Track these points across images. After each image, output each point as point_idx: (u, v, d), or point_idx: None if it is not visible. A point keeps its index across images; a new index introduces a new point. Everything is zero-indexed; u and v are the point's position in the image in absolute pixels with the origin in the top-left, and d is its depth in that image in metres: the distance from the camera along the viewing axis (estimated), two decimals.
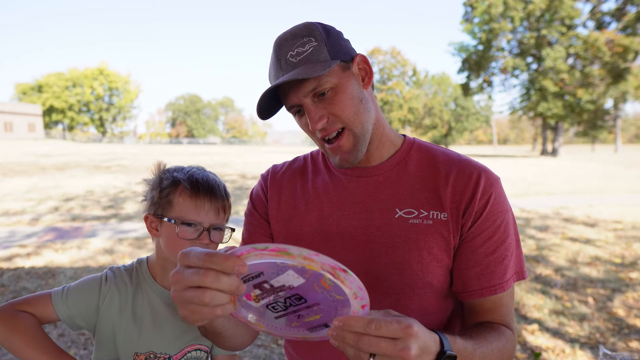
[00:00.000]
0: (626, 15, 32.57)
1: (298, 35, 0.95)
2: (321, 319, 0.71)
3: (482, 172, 1.00)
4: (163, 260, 1.14)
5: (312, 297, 0.67)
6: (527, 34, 37.50)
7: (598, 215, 8.63)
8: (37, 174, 15.63)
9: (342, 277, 0.64)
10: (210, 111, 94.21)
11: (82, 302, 1.09)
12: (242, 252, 0.62)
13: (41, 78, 62.85)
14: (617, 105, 38.32)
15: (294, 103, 0.97)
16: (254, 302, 0.70)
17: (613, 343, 3.28)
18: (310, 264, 0.62)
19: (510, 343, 0.94)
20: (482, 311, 0.99)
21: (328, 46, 0.95)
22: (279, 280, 0.65)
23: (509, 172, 18.67)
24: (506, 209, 1.00)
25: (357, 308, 0.67)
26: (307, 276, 0.64)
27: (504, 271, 0.97)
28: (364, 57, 1.00)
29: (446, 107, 65.74)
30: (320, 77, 0.92)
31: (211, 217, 1.11)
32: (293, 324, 0.74)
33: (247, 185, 13.20)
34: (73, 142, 49.42)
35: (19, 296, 4.15)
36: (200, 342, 1.16)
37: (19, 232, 7.07)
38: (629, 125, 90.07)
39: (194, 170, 1.15)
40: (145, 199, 1.16)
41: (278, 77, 0.95)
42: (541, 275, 4.94)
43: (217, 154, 30.66)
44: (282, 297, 0.68)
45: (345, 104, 0.95)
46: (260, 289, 0.67)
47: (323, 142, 0.99)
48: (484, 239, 0.97)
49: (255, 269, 0.64)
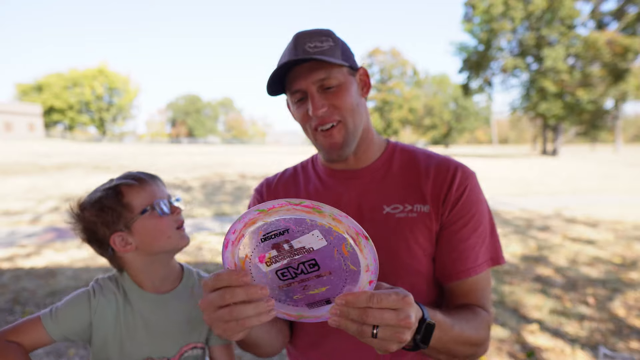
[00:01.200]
0: (626, 15, 32.57)
1: (318, 33, 1.05)
2: (326, 292, 0.72)
3: (458, 166, 1.11)
4: (146, 269, 1.13)
5: (326, 264, 0.69)
6: (527, 34, 37.50)
7: (598, 216, 8.63)
8: (37, 174, 15.63)
9: (363, 245, 0.67)
10: (210, 111, 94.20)
11: (73, 320, 1.06)
12: (274, 205, 0.65)
13: (41, 78, 62.86)
14: (617, 105, 38.32)
15: (300, 87, 1.04)
16: (264, 266, 0.71)
17: (613, 343, 3.27)
18: (337, 225, 0.65)
19: (485, 322, 1.04)
20: (460, 294, 1.08)
21: (342, 50, 1.06)
22: (301, 240, 0.67)
23: (509, 172, 18.66)
24: (481, 200, 1.11)
25: (364, 283, 0.70)
26: (330, 239, 0.66)
27: (476, 256, 1.07)
28: (366, 70, 1.13)
29: (446, 107, 65.76)
30: (331, 70, 1.02)
31: (164, 191, 1.14)
32: (295, 297, 0.74)
33: (247, 185, 13.20)
34: (73, 142, 49.39)
35: (19, 296, 4.17)
36: (196, 341, 1.16)
37: (19, 232, 7.07)
38: (629, 125, 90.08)
39: (114, 179, 1.14)
40: (92, 238, 1.12)
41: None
42: (541, 275, 4.94)
43: (217, 154, 30.65)
44: (297, 261, 0.69)
45: (346, 100, 1.05)
46: (277, 250, 0.69)
47: (316, 132, 1.08)
48: (460, 227, 1.07)
49: (284, 224, 0.66)
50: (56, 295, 4.24)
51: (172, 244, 1.11)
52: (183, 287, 1.17)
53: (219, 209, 9.26)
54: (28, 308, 3.94)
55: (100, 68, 66.42)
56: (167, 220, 1.09)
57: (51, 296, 4.22)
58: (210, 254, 5.77)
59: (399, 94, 58.39)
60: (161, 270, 1.14)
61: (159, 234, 1.08)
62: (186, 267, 1.22)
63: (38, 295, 4.23)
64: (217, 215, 8.63)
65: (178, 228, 1.12)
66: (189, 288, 1.18)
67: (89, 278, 4.76)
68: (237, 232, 0.69)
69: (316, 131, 1.07)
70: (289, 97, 1.10)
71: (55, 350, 3.19)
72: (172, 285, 1.17)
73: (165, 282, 1.15)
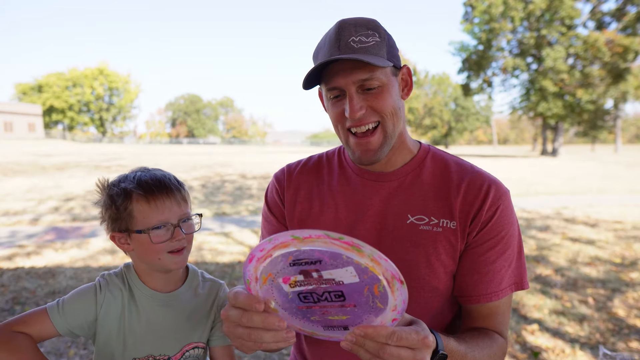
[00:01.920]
0: (626, 15, 32.54)
1: (364, 26, 0.96)
2: (346, 320, 0.71)
3: (492, 184, 1.03)
4: (147, 270, 1.13)
5: (353, 298, 0.67)
6: (527, 34, 37.47)
7: (598, 216, 8.63)
8: (37, 174, 15.63)
9: (396, 288, 0.65)
10: (210, 111, 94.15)
11: (80, 313, 1.06)
12: (310, 235, 0.62)
13: (41, 78, 62.82)
14: (617, 105, 38.29)
15: (339, 85, 0.97)
16: (288, 287, 0.69)
17: (613, 343, 3.27)
18: (374, 266, 0.63)
19: (501, 350, 0.99)
20: (479, 317, 1.02)
21: (387, 47, 0.98)
22: (332, 273, 0.65)
23: (509, 172, 18.66)
24: (512, 221, 1.03)
25: (387, 319, 0.69)
26: (364, 277, 0.64)
27: (500, 280, 1.01)
28: (409, 69, 1.05)
29: (446, 107, 65.71)
30: (373, 71, 0.94)
31: (176, 211, 1.08)
32: (312, 318, 0.72)
33: (247, 185, 13.20)
34: (73, 142, 49.40)
35: (19, 296, 4.17)
36: (197, 340, 1.16)
37: (19, 232, 7.07)
38: (629, 125, 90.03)
39: (139, 174, 1.11)
40: (103, 219, 1.12)
41: (333, 55, 0.95)
42: (541, 275, 4.94)
43: (217, 154, 30.64)
44: (323, 289, 0.67)
45: (388, 102, 0.97)
46: (305, 276, 0.67)
47: (349, 133, 1.00)
48: (487, 249, 1.00)
49: (317, 256, 0.64)
50: (56, 295, 4.24)
51: (163, 265, 1.08)
52: (187, 287, 1.17)
53: (219, 209, 9.26)
54: (28, 308, 3.94)
55: (100, 68, 66.40)
56: (161, 246, 1.05)
57: (51, 296, 4.22)
58: (210, 254, 5.77)
59: None
60: (162, 275, 1.14)
61: (150, 253, 1.06)
62: (191, 267, 1.22)
63: (38, 295, 4.23)
64: (217, 215, 8.63)
65: (172, 252, 1.07)
66: (192, 289, 1.18)
67: (89, 278, 4.76)
68: (265, 250, 0.67)
69: (349, 132, 1.00)
70: (325, 92, 1.02)
71: (55, 350, 3.19)
72: (176, 285, 1.16)
73: (169, 282, 1.15)
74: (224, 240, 6.53)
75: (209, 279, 1.23)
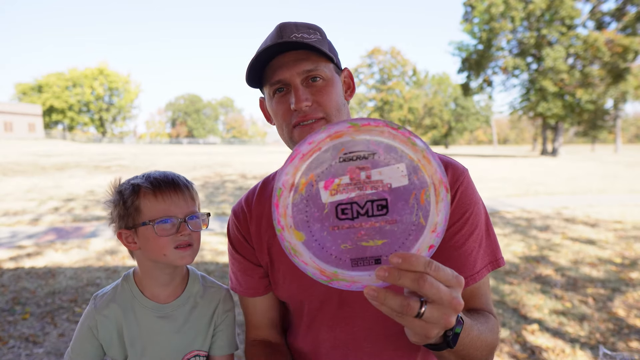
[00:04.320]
0: (626, 15, 32.55)
1: (305, 26, 0.99)
2: (382, 247, 0.63)
3: (448, 165, 1.00)
4: (150, 271, 1.13)
5: (397, 210, 0.62)
6: (527, 33, 37.48)
7: (598, 215, 8.63)
8: (37, 174, 15.63)
9: (441, 197, 0.60)
10: (210, 111, 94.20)
11: (88, 352, 1.12)
12: (370, 122, 0.58)
13: (41, 78, 62.86)
14: (617, 105, 38.30)
15: (282, 78, 0.96)
16: (327, 195, 0.62)
17: (613, 343, 3.28)
18: (425, 165, 0.59)
19: (496, 326, 0.97)
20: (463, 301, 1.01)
21: (329, 46, 1.01)
22: (382, 172, 0.60)
23: (509, 172, 18.65)
24: (475, 200, 1.00)
25: (424, 246, 0.63)
26: (414, 178, 0.60)
27: (473, 263, 0.98)
28: (350, 72, 1.08)
29: (446, 107, 65.74)
30: (318, 63, 0.95)
31: (183, 207, 1.08)
32: (343, 245, 0.64)
33: (247, 185, 13.20)
34: (73, 142, 49.39)
35: (19, 296, 4.17)
36: (199, 348, 1.16)
37: (19, 232, 7.07)
38: (629, 125, 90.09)
39: (150, 172, 1.14)
40: (112, 220, 1.13)
41: (275, 52, 0.95)
42: (541, 275, 4.94)
43: (217, 154, 30.65)
44: (366, 197, 0.61)
45: (332, 97, 0.97)
46: (351, 177, 0.61)
47: (294, 128, 0.98)
48: (453, 233, 0.97)
49: (372, 146, 0.59)
50: (56, 295, 4.24)
51: (168, 261, 1.08)
52: (186, 296, 1.17)
53: (219, 209, 9.26)
54: (28, 308, 3.94)
55: (100, 68, 66.43)
56: (166, 240, 1.06)
57: (51, 296, 4.22)
58: (210, 254, 5.77)
59: (398, 94, 58.43)
60: (165, 276, 1.13)
61: (156, 248, 1.07)
62: (192, 272, 1.21)
63: (38, 295, 4.23)
64: (217, 215, 8.62)
65: (178, 247, 1.07)
66: (192, 297, 1.17)
67: (89, 278, 4.76)
68: (314, 143, 0.60)
69: (295, 128, 0.98)
70: (267, 91, 1.01)
71: (56, 350, 3.19)
72: (176, 293, 1.16)
73: (168, 288, 1.15)
74: (224, 240, 6.52)
75: (211, 284, 1.22)
